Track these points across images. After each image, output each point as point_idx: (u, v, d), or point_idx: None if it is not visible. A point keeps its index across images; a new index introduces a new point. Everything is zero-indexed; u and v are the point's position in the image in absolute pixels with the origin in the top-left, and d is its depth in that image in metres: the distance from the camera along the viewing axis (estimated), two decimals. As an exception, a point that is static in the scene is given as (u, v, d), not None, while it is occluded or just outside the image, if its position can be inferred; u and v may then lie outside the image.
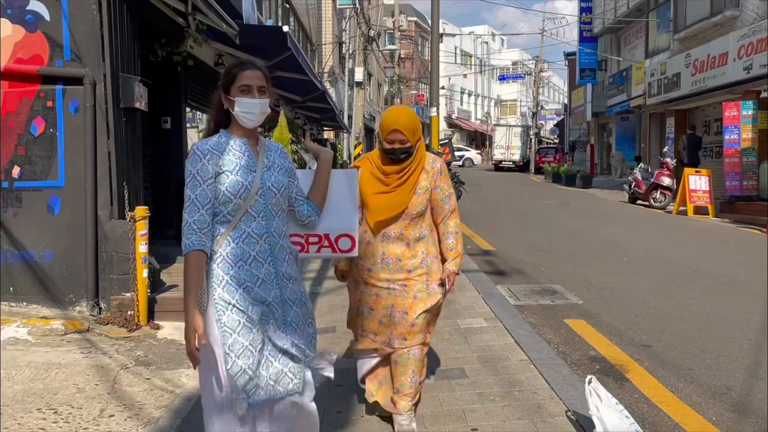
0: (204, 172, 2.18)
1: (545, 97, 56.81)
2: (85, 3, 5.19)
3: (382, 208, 2.93)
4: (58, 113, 5.29)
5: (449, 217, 3.03)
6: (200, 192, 2.17)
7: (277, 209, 2.31)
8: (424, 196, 2.95)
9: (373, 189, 2.94)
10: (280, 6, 15.81)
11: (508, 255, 8.26)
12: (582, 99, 31.33)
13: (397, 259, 2.95)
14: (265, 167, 2.29)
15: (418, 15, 49.71)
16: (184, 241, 2.14)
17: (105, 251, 5.33)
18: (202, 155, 2.20)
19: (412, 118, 2.93)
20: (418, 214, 2.96)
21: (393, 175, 2.92)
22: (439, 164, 3.03)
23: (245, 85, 2.23)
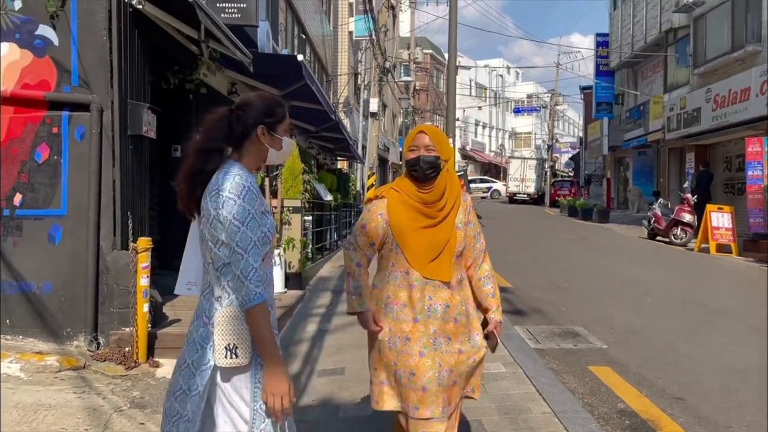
0: (260, 212, 1.98)
1: (560, 131, 56.69)
2: (94, 28, 5.07)
3: (426, 244, 2.50)
4: (64, 140, 5.14)
5: (483, 258, 2.66)
6: (261, 235, 1.97)
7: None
8: (463, 231, 2.57)
9: (414, 222, 2.51)
10: (296, 36, 15.85)
11: (526, 293, 7.94)
12: (598, 133, 31.12)
13: (445, 305, 2.51)
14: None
15: (434, 48, 50.10)
16: (254, 290, 1.91)
17: (106, 283, 5.11)
18: (256, 192, 1.99)
19: (438, 131, 2.66)
20: (461, 252, 2.57)
21: (434, 204, 2.51)
22: (468, 198, 2.69)
23: (289, 124, 2.18)
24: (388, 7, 25.23)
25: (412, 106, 33.78)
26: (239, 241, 1.93)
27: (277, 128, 2.12)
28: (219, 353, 1.96)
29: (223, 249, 1.96)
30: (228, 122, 2.10)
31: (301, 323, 6.38)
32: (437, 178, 2.51)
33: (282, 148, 2.13)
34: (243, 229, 1.93)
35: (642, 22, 23.07)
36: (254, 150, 2.09)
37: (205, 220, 2.01)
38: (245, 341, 1.97)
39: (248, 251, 1.93)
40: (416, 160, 2.51)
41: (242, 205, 1.94)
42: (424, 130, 2.59)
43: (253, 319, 1.94)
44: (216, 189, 1.98)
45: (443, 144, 2.56)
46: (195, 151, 2.10)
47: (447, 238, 2.50)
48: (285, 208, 7.89)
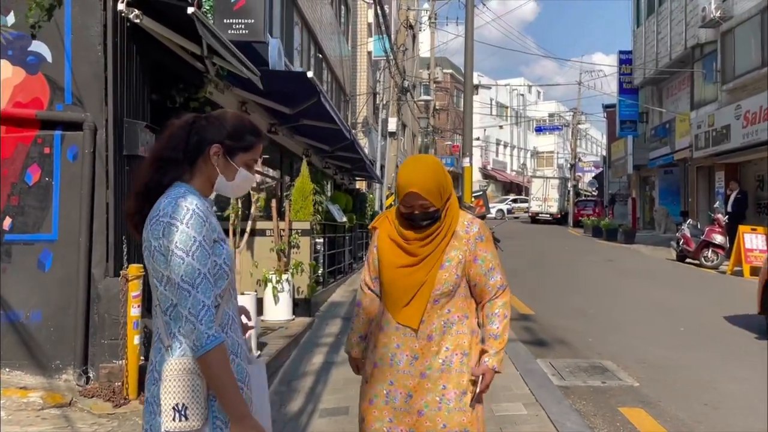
0: (208, 240, 1.68)
1: (583, 149, 56.00)
2: (89, 43, 4.83)
3: (400, 286, 2.22)
4: (55, 161, 4.87)
5: (497, 295, 2.27)
6: (211, 265, 1.67)
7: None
8: (455, 270, 2.21)
9: (392, 259, 2.26)
10: (313, 56, 15.69)
11: (549, 321, 7.47)
12: (622, 151, 30.48)
13: (413, 357, 2.20)
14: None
15: (454, 67, 49.96)
16: (205, 332, 1.60)
17: (97, 313, 4.80)
18: (205, 216, 1.69)
19: (434, 175, 2.21)
20: (445, 295, 2.21)
21: (415, 242, 2.23)
22: (477, 228, 2.26)
23: (255, 160, 1.88)
24: (406, 26, 25.11)
25: (431, 126, 33.52)
26: (184, 274, 1.62)
27: (236, 155, 1.82)
28: (166, 415, 1.62)
29: (168, 287, 1.64)
30: (188, 131, 1.79)
31: (308, 354, 5.99)
32: (435, 224, 2.24)
33: (233, 180, 1.83)
34: (188, 260, 1.62)
35: (667, 38, 22.57)
36: (205, 171, 1.80)
37: (147, 253, 1.68)
38: (197, 399, 1.63)
39: (196, 286, 1.62)
40: (411, 216, 2.24)
41: (185, 231, 1.64)
42: (414, 191, 2.16)
43: (207, 367, 1.60)
44: (156, 214, 1.66)
45: (440, 191, 2.20)
46: (152, 159, 1.81)
47: (423, 279, 2.20)
48: (293, 231, 7.56)
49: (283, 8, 12.05)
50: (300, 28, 13.88)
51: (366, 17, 23.98)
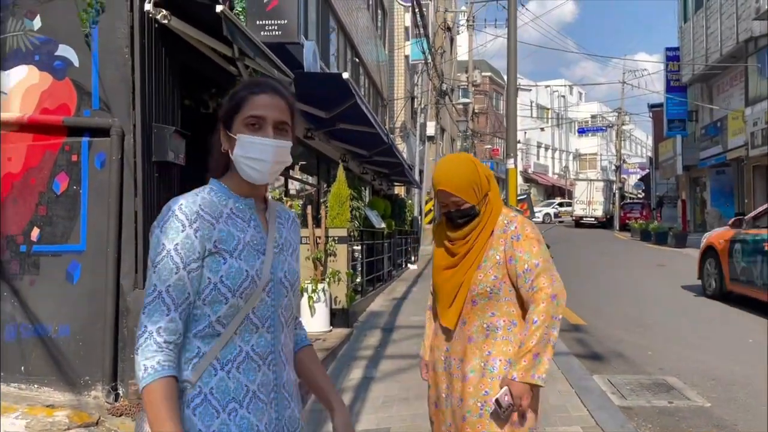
0: (187, 250, 1.37)
1: (627, 151, 54.46)
2: (116, 47, 4.64)
3: (444, 288, 2.21)
4: (83, 168, 4.70)
5: (533, 299, 2.05)
6: (176, 282, 1.36)
7: (287, 315, 1.52)
8: (491, 271, 2.11)
9: (440, 261, 2.27)
10: (349, 61, 15.49)
11: (603, 332, 6.99)
12: (670, 151, 29.40)
13: (460, 360, 2.16)
14: (276, 246, 1.51)
15: (493, 70, 49.32)
16: (140, 362, 1.33)
17: (126, 326, 4.60)
18: (188, 220, 1.39)
19: (464, 172, 2.15)
20: (483, 296, 2.12)
21: (459, 241, 2.19)
22: (515, 226, 2.14)
23: (254, 116, 1.45)
24: (444, 29, 24.76)
25: (471, 129, 33.02)
26: (146, 288, 1.39)
27: (232, 122, 1.48)
28: None
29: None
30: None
31: (345, 368, 5.68)
32: (472, 221, 2.18)
33: (236, 152, 1.45)
34: (150, 272, 1.39)
35: (716, 33, 21.64)
36: (232, 163, 1.49)
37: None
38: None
39: (146, 303, 1.37)
40: (448, 214, 2.23)
41: (158, 237, 1.40)
42: (443, 187, 2.15)
43: (144, 405, 1.32)
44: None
45: (473, 187, 2.14)
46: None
47: (461, 280, 2.16)
48: (330, 238, 7.28)
49: (319, 13, 11.87)
50: (336, 33, 13.70)
51: (403, 21, 23.73)
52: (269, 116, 1.45)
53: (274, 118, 1.46)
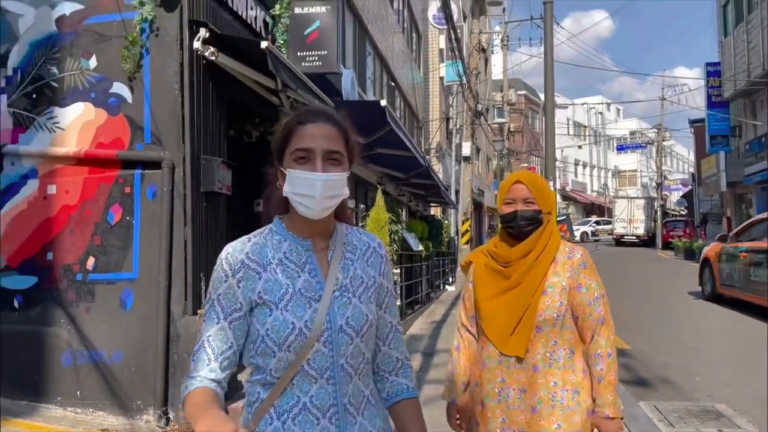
0: (229, 300, 1.35)
1: (668, 167, 53.37)
2: (167, 83, 4.87)
3: (500, 314, 2.08)
4: (136, 199, 4.91)
5: (599, 331, 2.06)
6: (217, 331, 1.34)
7: (356, 362, 1.39)
8: (558, 297, 2.05)
9: (489, 290, 2.14)
10: (385, 85, 15.70)
11: (648, 356, 6.86)
12: (714, 168, 28.69)
13: (521, 390, 2.04)
14: (338, 289, 1.39)
15: (528, 89, 49.16)
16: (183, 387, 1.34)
17: (176, 352, 4.75)
18: (231, 270, 1.36)
19: (542, 180, 2.25)
20: (549, 323, 2.04)
21: (516, 263, 2.10)
22: (580, 254, 2.13)
23: (301, 148, 1.37)
24: (479, 50, 24.87)
25: (507, 149, 32.90)
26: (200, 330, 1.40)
27: (283, 157, 1.41)
28: None
29: None
30: None
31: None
32: (536, 229, 2.11)
33: (285, 190, 1.38)
34: (204, 315, 1.40)
35: (759, 47, 21.17)
36: (282, 196, 1.44)
37: None
38: None
39: (194, 352, 1.37)
40: (512, 215, 2.12)
41: (210, 284, 1.41)
42: (521, 179, 2.15)
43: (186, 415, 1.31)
44: None
45: (545, 194, 2.15)
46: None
47: (527, 303, 2.04)
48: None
49: (356, 39, 12.11)
50: (372, 57, 13.92)
51: (437, 43, 23.93)
52: (317, 147, 1.36)
53: (323, 148, 1.36)
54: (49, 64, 5.10)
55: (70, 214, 5.00)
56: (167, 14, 4.87)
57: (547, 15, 8.00)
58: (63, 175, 5.03)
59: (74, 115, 5.04)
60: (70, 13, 5.05)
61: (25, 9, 5.14)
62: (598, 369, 2.03)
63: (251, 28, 6.16)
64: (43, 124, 5.09)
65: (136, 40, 4.84)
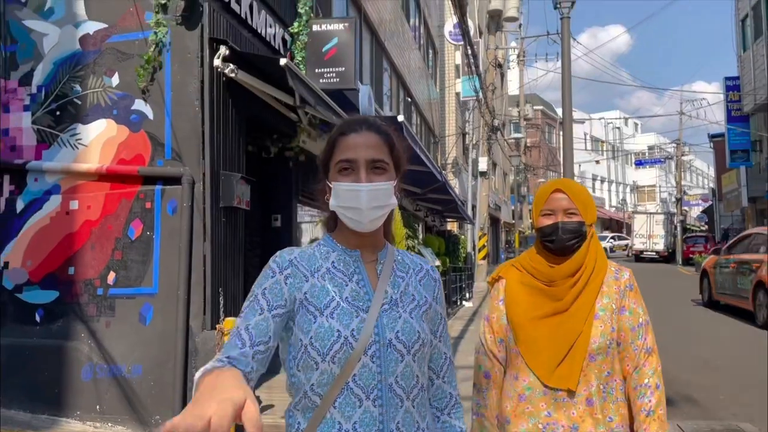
0: (275, 295, 1.27)
1: (687, 182, 52.85)
2: (187, 100, 4.94)
3: (548, 340, 1.82)
4: (156, 215, 4.97)
5: (645, 361, 1.84)
6: (258, 321, 1.23)
7: (408, 384, 1.29)
8: (610, 321, 1.83)
9: (531, 311, 1.86)
10: (402, 101, 15.78)
11: (672, 374, 6.74)
12: (734, 183, 28.36)
13: (571, 427, 1.80)
14: (388, 302, 1.32)
15: (544, 104, 49.10)
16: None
17: (195, 366, 4.76)
18: (279, 268, 1.30)
19: (583, 188, 1.95)
20: (602, 351, 1.81)
21: (563, 281, 1.84)
22: (627, 275, 1.92)
23: (344, 159, 1.32)
24: (495, 65, 24.92)
25: (523, 164, 32.81)
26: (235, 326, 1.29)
27: (329, 169, 1.37)
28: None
29: None
30: None
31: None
32: (581, 244, 1.86)
33: (332, 201, 1.34)
34: (241, 313, 1.30)
35: (778, 60, 21.01)
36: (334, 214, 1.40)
37: None
38: None
39: (226, 343, 1.25)
40: (553, 227, 1.85)
41: (252, 290, 1.33)
42: (561, 188, 1.89)
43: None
44: None
45: (587, 204, 1.88)
46: None
47: (579, 330, 1.80)
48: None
49: (373, 55, 12.21)
50: (389, 74, 14.02)
51: (453, 59, 24.05)
52: (360, 157, 1.31)
53: (366, 157, 1.31)
54: (73, 82, 5.20)
55: (92, 229, 5.06)
56: (188, 32, 4.95)
57: (564, 30, 8.01)
58: (85, 190, 5.10)
59: (97, 131, 5.13)
60: (93, 32, 5.16)
61: (50, 28, 5.25)
62: (646, 401, 1.82)
63: (270, 45, 6.24)
64: (66, 140, 5.18)
65: (151, 58, 4.91)
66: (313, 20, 7.00)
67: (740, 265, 11.06)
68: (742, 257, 11.15)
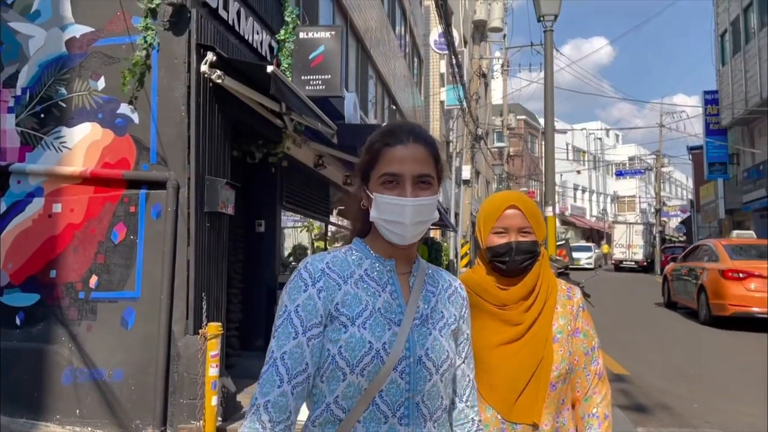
0: (309, 312, 1.22)
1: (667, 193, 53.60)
2: (173, 105, 4.96)
3: (505, 370, 1.67)
4: (140, 219, 4.97)
5: (596, 387, 1.75)
6: (293, 348, 1.20)
7: (433, 405, 1.26)
8: (567, 345, 1.72)
9: (488, 335, 1.68)
10: (386, 108, 15.86)
11: (647, 382, 6.86)
12: (712, 195, 28.87)
13: None
14: (419, 317, 1.28)
15: (527, 113, 49.54)
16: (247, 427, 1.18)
17: (177, 371, 4.76)
18: (311, 279, 1.25)
19: (535, 204, 1.78)
20: (561, 378, 1.70)
21: (517, 305, 1.70)
22: (579, 294, 1.81)
23: (390, 173, 1.27)
24: (479, 75, 25.15)
25: (506, 172, 33.08)
26: (268, 349, 1.24)
27: (369, 180, 1.32)
28: None
29: None
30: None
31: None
32: (533, 264, 1.72)
33: (373, 213, 1.29)
34: (274, 332, 1.23)
35: (756, 77, 21.45)
36: (363, 217, 1.37)
37: None
38: None
39: (263, 371, 1.21)
40: (507, 248, 1.69)
41: (283, 298, 1.26)
42: (516, 204, 1.72)
43: None
44: None
45: (540, 221, 1.74)
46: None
47: (540, 356, 1.67)
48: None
49: (359, 63, 12.28)
50: (375, 81, 14.10)
51: (438, 68, 24.24)
52: (407, 172, 1.27)
53: (413, 172, 1.27)
54: (58, 85, 5.19)
55: (75, 232, 5.05)
56: (175, 38, 4.98)
57: (548, 43, 8.14)
58: (68, 193, 5.09)
59: (81, 134, 5.12)
60: (80, 35, 5.16)
61: (36, 31, 5.24)
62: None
63: (257, 52, 6.27)
64: (50, 143, 5.16)
65: (139, 62, 4.92)
66: (299, 28, 7.05)
67: (690, 272, 13.00)
68: (691, 265, 13.06)
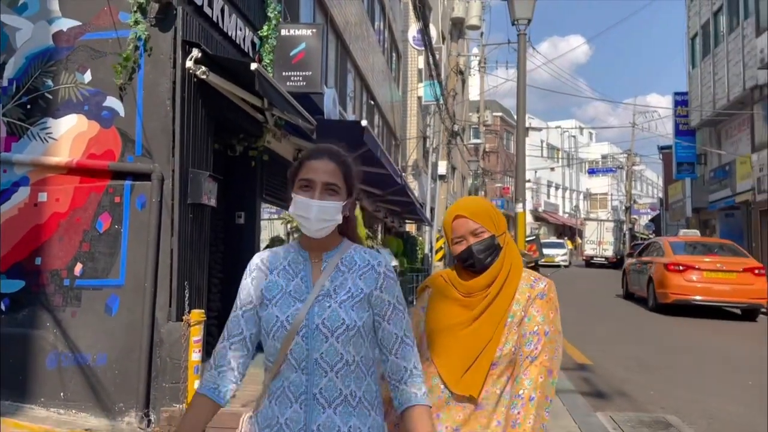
0: (244, 294, 1.71)
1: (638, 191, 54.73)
2: (159, 99, 5.11)
3: (459, 348, 1.88)
4: (125, 209, 5.12)
5: (527, 370, 1.84)
6: (232, 318, 1.71)
7: (332, 360, 1.59)
8: (517, 329, 1.88)
9: (446, 320, 1.93)
10: (365, 103, 16.06)
11: (608, 371, 7.23)
12: (680, 194, 29.69)
13: (453, 429, 1.87)
14: (323, 294, 1.63)
15: (504, 110, 50.08)
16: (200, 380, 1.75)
17: (159, 356, 4.95)
18: (249, 271, 1.73)
19: (483, 202, 2.03)
20: (506, 358, 1.87)
21: (480, 293, 1.91)
22: (545, 284, 1.93)
23: (305, 179, 1.66)
24: (456, 72, 25.45)
25: (481, 168, 33.51)
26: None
27: (294, 183, 1.72)
28: None
29: None
30: None
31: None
32: (496, 258, 1.93)
33: (291, 208, 1.69)
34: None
35: (724, 79, 22.14)
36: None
37: None
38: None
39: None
40: (468, 252, 1.91)
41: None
42: (460, 213, 1.94)
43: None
44: None
45: (492, 216, 1.95)
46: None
47: (489, 336, 1.86)
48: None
49: (338, 57, 12.46)
50: (353, 76, 14.28)
51: (416, 63, 24.47)
52: (318, 179, 1.64)
53: (322, 180, 1.65)
54: (45, 77, 5.30)
55: (60, 221, 5.18)
56: (161, 34, 5.13)
57: (521, 46, 8.42)
58: (54, 183, 5.22)
59: (67, 126, 5.25)
60: (67, 29, 5.27)
61: (23, 23, 5.35)
62: (515, 413, 1.81)
63: (240, 48, 6.44)
64: (36, 133, 5.28)
65: (130, 56, 5.08)
66: (281, 25, 7.22)
67: (642, 266, 14.71)
68: (644, 259, 14.77)
